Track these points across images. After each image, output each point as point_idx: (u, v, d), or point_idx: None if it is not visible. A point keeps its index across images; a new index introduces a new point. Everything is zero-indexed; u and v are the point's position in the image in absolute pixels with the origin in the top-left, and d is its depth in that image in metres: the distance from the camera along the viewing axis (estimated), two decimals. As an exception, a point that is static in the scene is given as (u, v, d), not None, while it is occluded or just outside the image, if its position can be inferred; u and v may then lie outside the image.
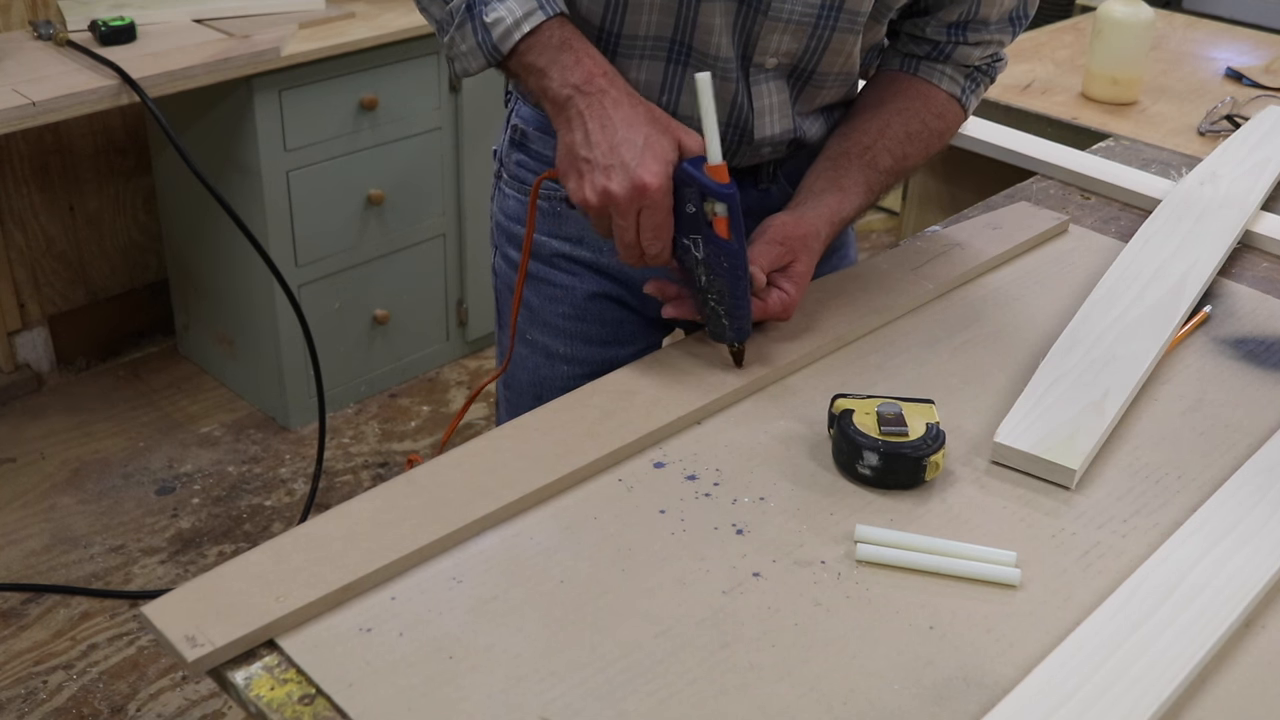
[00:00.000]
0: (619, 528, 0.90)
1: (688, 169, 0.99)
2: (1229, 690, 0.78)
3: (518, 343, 1.28)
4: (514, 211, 1.26)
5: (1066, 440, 0.98)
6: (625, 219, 0.99)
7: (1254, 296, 1.27)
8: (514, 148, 1.25)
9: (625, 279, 1.24)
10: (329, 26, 2.42)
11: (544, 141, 1.22)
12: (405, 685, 0.76)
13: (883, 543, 0.88)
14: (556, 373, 1.27)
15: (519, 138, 1.24)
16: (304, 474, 2.53)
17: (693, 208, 1.00)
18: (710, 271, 1.02)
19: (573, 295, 1.25)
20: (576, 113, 1.01)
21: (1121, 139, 1.70)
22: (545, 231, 1.24)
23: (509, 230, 1.28)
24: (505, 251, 1.29)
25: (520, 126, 1.24)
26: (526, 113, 1.23)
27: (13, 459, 2.54)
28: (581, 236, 1.21)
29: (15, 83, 2.01)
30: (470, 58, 1.06)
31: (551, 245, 1.24)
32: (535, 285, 1.26)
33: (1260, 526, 0.91)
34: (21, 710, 1.95)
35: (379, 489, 0.91)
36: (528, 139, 1.23)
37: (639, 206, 0.98)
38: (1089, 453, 0.97)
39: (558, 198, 1.22)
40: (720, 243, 1.00)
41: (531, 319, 1.27)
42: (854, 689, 0.77)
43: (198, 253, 2.70)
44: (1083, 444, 0.98)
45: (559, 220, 1.23)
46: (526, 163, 1.24)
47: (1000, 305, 1.22)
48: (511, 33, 1.02)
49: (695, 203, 0.99)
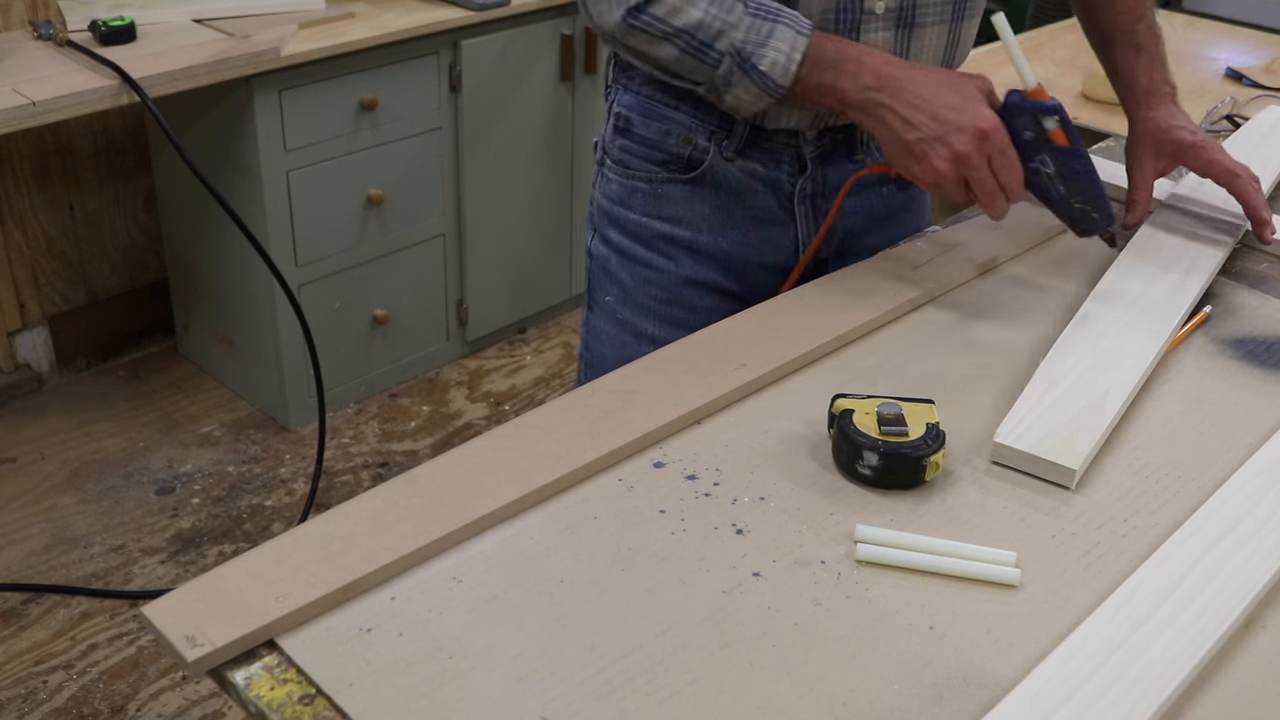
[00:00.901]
0: (619, 528, 0.90)
1: (1014, 100, 1.10)
2: (1229, 690, 0.78)
3: (606, 321, 1.36)
4: (617, 195, 1.33)
5: (1066, 440, 0.98)
6: (980, 170, 1.08)
7: (1254, 296, 1.27)
8: (617, 134, 1.31)
9: (723, 260, 1.31)
10: (329, 26, 2.42)
11: (646, 126, 1.29)
12: (405, 685, 0.76)
13: (883, 543, 0.88)
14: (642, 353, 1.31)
15: (622, 124, 1.31)
16: (304, 474, 2.53)
17: (1030, 133, 1.11)
18: (1065, 179, 1.14)
19: (668, 279, 1.32)
20: (885, 109, 1.09)
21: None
22: (646, 213, 1.31)
23: (611, 213, 1.34)
24: (605, 234, 1.35)
25: (623, 113, 1.30)
26: (628, 100, 1.30)
27: (13, 459, 2.54)
28: (682, 217, 1.29)
29: (15, 83, 2.01)
30: (756, 103, 1.14)
31: (652, 226, 1.31)
32: (631, 267, 1.33)
33: (1260, 526, 0.91)
34: (21, 710, 1.95)
35: (379, 489, 0.91)
36: (631, 124, 1.30)
37: (988, 153, 1.07)
38: (1089, 453, 0.97)
39: (658, 180, 1.29)
40: (1065, 151, 1.12)
41: (624, 299, 1.34)
42: (854, 689, 0.77)
43: (198, 253, 2.70)
44: (1083, 444, 0.98)
45: (659, 202, 1.30)
46: (630, 147, 1.31)
47: (1000, 305, 1.22)
48: (789, 68, 1.11)
49: (1031, 128, 1.11)
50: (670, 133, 1.27)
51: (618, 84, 1.32)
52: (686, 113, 1.26)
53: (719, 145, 1.26)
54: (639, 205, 1.31)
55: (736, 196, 1.28)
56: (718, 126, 1.26)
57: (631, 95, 1.29)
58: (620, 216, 1.33)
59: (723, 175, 1.27)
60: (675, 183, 1.29)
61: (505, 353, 3.01)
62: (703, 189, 1.28)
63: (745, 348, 1.10)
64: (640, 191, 1.30)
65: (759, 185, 1.28)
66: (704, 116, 1.25)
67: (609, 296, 1.36)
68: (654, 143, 1.28)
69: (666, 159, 1.28)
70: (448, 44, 2.58)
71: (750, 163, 1.27)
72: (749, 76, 1.11)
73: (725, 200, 1.29)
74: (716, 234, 1.30)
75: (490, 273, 2.90)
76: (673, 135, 1.27)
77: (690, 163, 1.28)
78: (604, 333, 1.36)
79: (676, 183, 1.29)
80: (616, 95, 1.32)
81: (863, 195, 1.33)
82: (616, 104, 1.32)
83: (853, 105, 1.11)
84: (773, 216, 1.30)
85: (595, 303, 1.38)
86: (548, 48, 2.77)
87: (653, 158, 1.29)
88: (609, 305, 1.35)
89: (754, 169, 1.27)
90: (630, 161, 1.31)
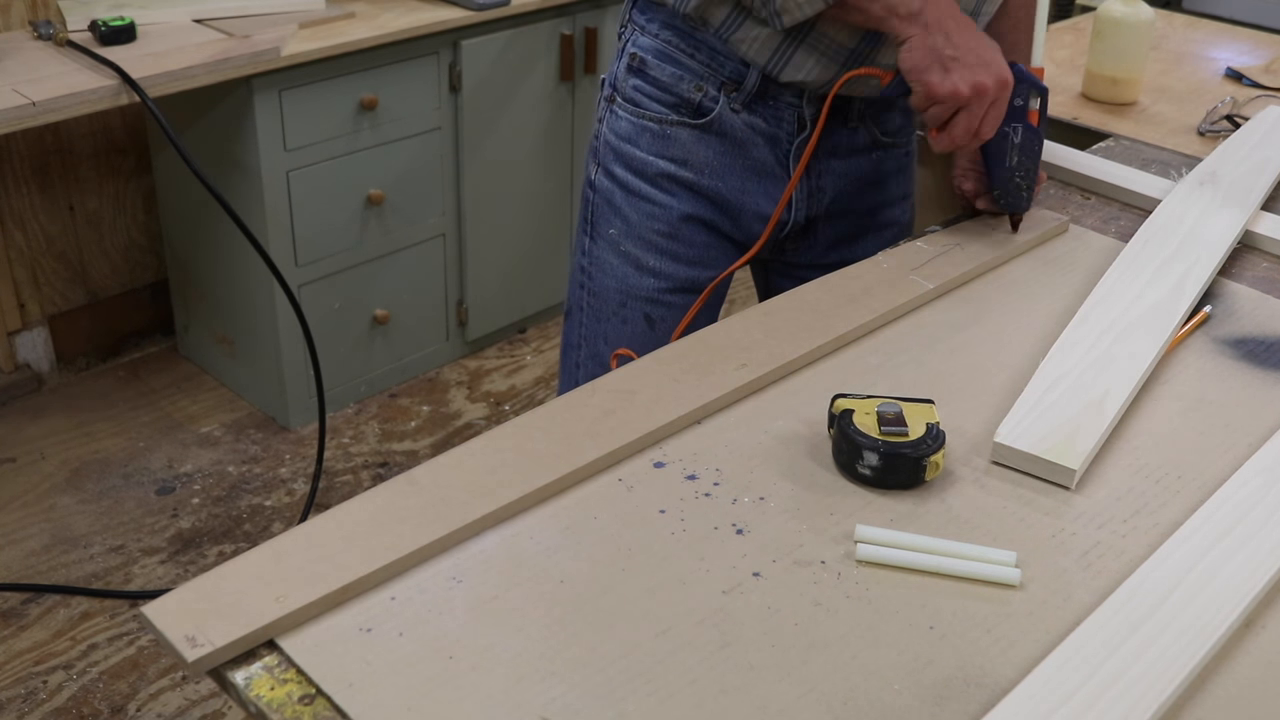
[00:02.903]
0: (619, 528, 0.90)
1: (1020, 69, 1.22)
2: (1229, 690, 0.78)
3: (609, 252, 1.41)
4: (625, 132, 1.38)
5: (1066, 440, 0.98)
6: (980, 107, 1.17)
7: (1254, 296, 1.27)
8: (631, 73, 1.37)
9: (720, 201, 1.37)
10: (329, 26, 2.42)
11: (661, 69, 1.34)
12: (405, 685, 0.76)
13: (883, 543, 0.88)
14: (644, 284, 1.40)
15: (637, 64, 1.36)
16: (304, 474, 2.53)
17: (1019, 101, 1.23)
18: (1022, 152, 1.27)
19: (669, 214, 1.38)
20: (932, 19, 1.16)
21: (1121, 139, 1.70)
22: (653, 152, 1.36)
23: (618, 149, 1.39)
24: (610, 169, 1.40)
25: (639, 54, 1.36)
26: (645, 43, 1.35)
27: (13, 459, 2.54)
28: (686, 159, 1.35)
29: (15, 83, 2.01)
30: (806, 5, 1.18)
31: (658, 165, 1.36)
32: (635, 202, 1.38)
33: (1260, 526, 0.91)
34: (21, 710, 1.95)
35: (379, 489, 0.91)
36: (646, 65, 1.35)
37: (991, 99, 1.17)
38: (1089, 453, 0.97)
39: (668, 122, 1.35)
40: (1033, 130, 1.26)
41: (628, 232, 1.39)
42: (854, 689, 0.77)
43: (198, 253, 2.70)
44: (1083, 444, 0.98)
45: (667, 142, 1.36)
46: (643, 87, 1.36)
47: (1000, 305, 1.22)
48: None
49: (1021, 96, 1.23)
50: (683, 78, 1.33)
51: (634, 25, 1.37)
52: (701, 61, 1.32)
53: (728, 96, 1.32)
54: (646, 144, 1.36)
55: (739, 147, 1.35)
56: (728, 78, 1.31)
57: (649, 38, 1.35)
58: (627, 153, 1.38)
59: (729, 125, 1.33)
60: (684, 126, 1.34)
61: (505, 353, 3.01)
62: (708, 136, 1.34)
63: (745, 348, 1.10)
64: (649, 131, 1.36)
65: (760, 139, 1.34)
66: (718, 67, 1.31)
67: (612, 229, 1.41)
68: (667, 85, 1.34)
69: (677, 103, 1.34)
70: (448, 44, 2.58)
71: (754, 117, 1.33)
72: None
73: (728, 148, 1.35)
74: (717, 179, 1.36)
75: (490, 273, 2.90)
76: (685, 81, 1.33)
77: (700, 109, 1.33)
78: (607, 263, 1.42)
79: (685, 126, 1.34)
80: (632, 36, 1.37)
81: (852, 159, 1.39)
82: (631, 44, 1.37)
83: (902, 11, 1.16)
84: (770, 170, 1.36)
85: (598, 234, 1.43)
86: (548, 48, 2.77)
87: (664, 100, 1.35)
88: (613, 238, 1.40)
89: (756, 123, 1.34)
90: (641, 101, 1.36)
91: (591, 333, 1.45)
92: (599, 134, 1.43)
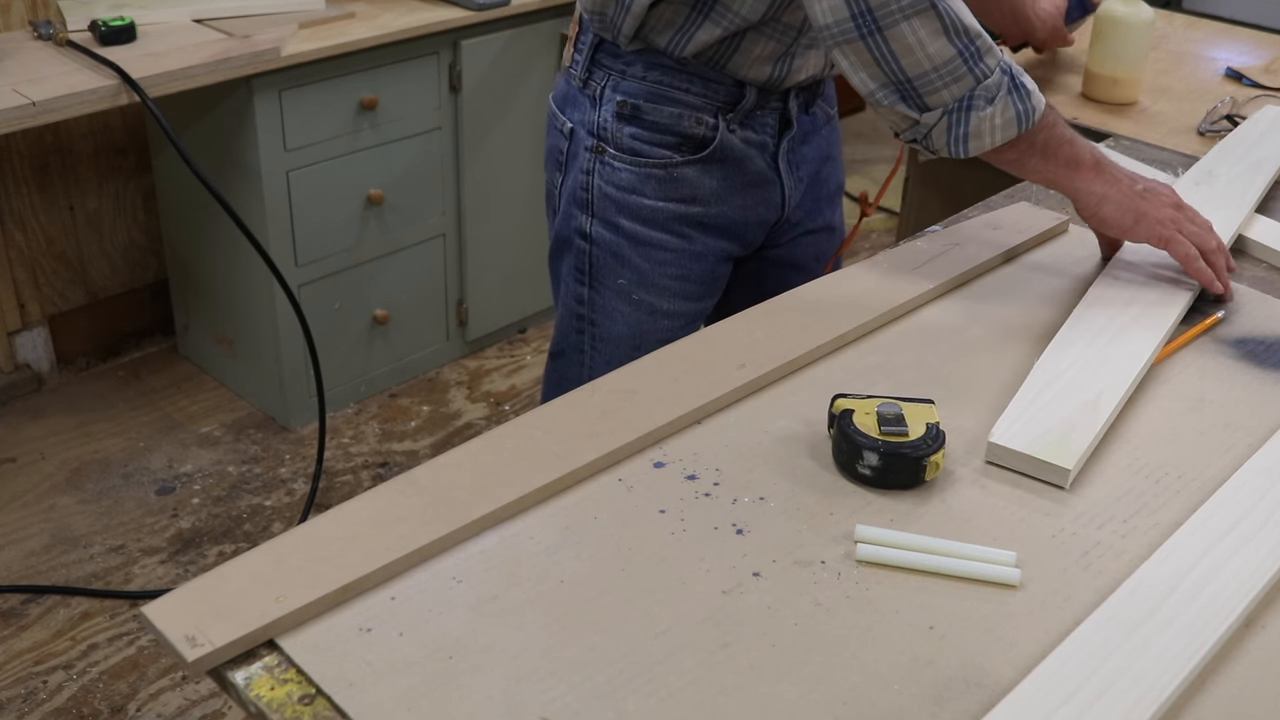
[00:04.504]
0: (619, 528, 0.90)
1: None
2: (1229, 690, 0.78)
3: (618, 302, 1.41)
4: (628, 183, 1.35)
5: (1060, 440, 0.98)
6: (1187, 225, 1.20)
7: (1254, 296, 1.27)
8: (624, 121, 1.33)
9: (728, 226, 1.39)
10: (329, 26, 2.42)
11: (658, 111, 1.32)
12: (405, 685, 0.76)
13: (883, 543, 0.88)
14: (659, 326, 1.41)
15: (630, 111, 1.33)
16: (304, 474, 2.53)
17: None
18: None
19: (681, 258, 1.39)
20: (1119, 171, 1.20)
21: (1121, 139, 1.70)
22: (660, 197, 1.35)
23: (621, 200, 1.36)
24: (613, 220, 1.38)
25: (629, 101, 1.33)
26: (632, 87, 1.32)
27: (13, 459, 2.54)
28: (694, 195, 1.35)
29: (15, 83, 2.01)
30: (1000, 131, 1.16)
31: (669, 210, 1.36)
32: (647, 251, 1.37)
33: (1260, 526, 0.91)
34: (21, 710, 1.95)
35: (379, 489, 0.91)
36: (641, 111, 1.33)
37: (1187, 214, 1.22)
38: (1083, 452, 0.97)
39: (673, 164, 1.34)
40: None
41: (640, 281, 1.39)
42: (854, 689, 0.77)
43: (198, 253, 2.70)
44: (1077, 443, 0.98)
45: (675, 184, 1.35)
46: (642, 134, 1.33)
47: (1000, 305, 1.22)
48: (1039, 104, 1.17)
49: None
50: (683, 115, 1.32)
51: (609, 71, 1.34)
52: (698, 94, 1.31)
53: (725, 119, 1.32)
54: (653, 191, 1.35)
55: (738, 165, 1.35)
56: (725, 102, 1.31)
57: (636, 83, 1.32)
58: (633, 204, 1.36)
59: (729, 148, 1.34)
60: (690, 164, 1.34)
61: (505, 353, 3.01)
62: (711, 165, 1.34)
63: (745, 348, 1.10)
64: (655, 177, 1.34)
65: (753, 150, 1.36)
66: (713, 94, 1.31)
67: (621, 280, 1.39)
68: (667, 126, 1.32)
69: (680, 141, 1.33)
70: (448, 44, 2.58)
71: (747, 131, 1.34)
72: (1013, 96, 1.15)
73: (729, 171, 1.35)
74: (723, 204, 1.37)
75: (490, 273, 2.90)
76: (686, 117, 1.32)
77: (702, 142, 1.33)
78: (616, 312, 1.41)
79: (691, 164, 1.34)
80: (611, 83, 1.34)
81: (815, 141, 1.43)
82: (614, 91, 1.33)
83: (1083, 161, 1.19)
84: (764, 177, 1.38)
85: (601, 284, 1.41)
86: (547, 48, 2.77)
87: (666, 142, 1.33)
88: (622, 288, 1.40)
89: (750, 136, 1.35)
90: (642, 149, 1.34)
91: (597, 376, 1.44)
92: (588, 186, 1.39)
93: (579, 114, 1.37)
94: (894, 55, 1.12)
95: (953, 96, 1.14)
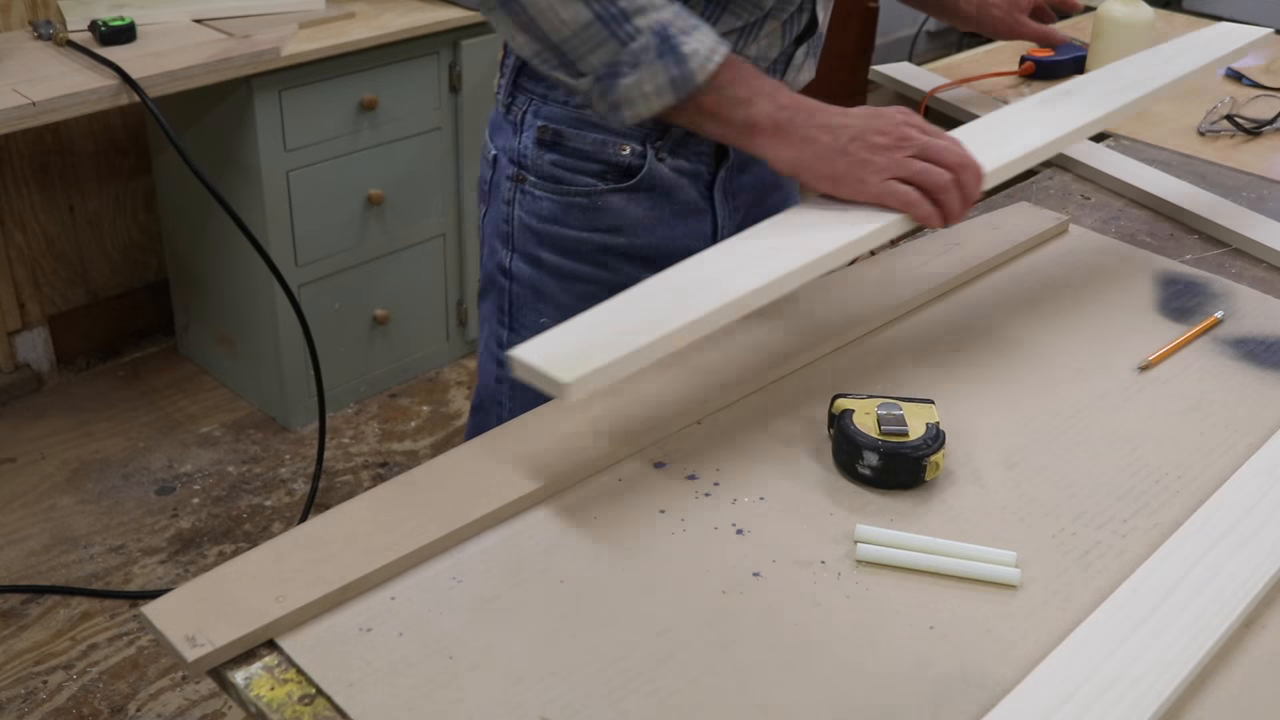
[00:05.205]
0: (619, 528, 0.90)
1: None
2: (1229, 690, 0.78)
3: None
4: (549, 212, 1.26)
5: (577, 356, 0.86)
6: (968, 174, 1.06)
7: (1254, 297, 1.27)
8: (545, 148, 1.24)
9: (652, 256, 1.26)
10: (329, 26, 2.42)
11: (581, 138, 1.23)
12: (405, 685, 0.76)
13: (883, 543, 0.88)
14: None
15: (551, 137, 1.24)
16: (304, 474, 2.53)
17: None
18: None
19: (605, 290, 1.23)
20: (815, 125, 1.05)
21: (1121, 139, 1.70)
22: (584, 227, 1.25)
23: (542, 231, 1.27)
24: (534, 253, 1.28)
25: (550, 127, 1.23)
26: (552, 112, 1.23)
27: (13, 459, 2.54)
28: (620, 225, 1.24)
29: (15, 83, 2.01)
30: (654, 97, 1.04)
31: (593, 240, 1.26)
32: (569, 285, 1.28)
33: (1260, 527, 0.91)
34: (21, 710, 1.95)
35: (379, 489, 0.91)
36: (563, 137, 1.23)
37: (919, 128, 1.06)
38: (591, 371, 0.85)
39: (598, 193, 1.24)
40: None
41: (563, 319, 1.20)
42: (854, 689, 0.77)
43: (198, 253, 2.70)
44: (590, 362, 0.86)
45: (599, 214, 1.25)
46: (564, 161, 1.24)
47: (1000, 305, 1.22)
48: (706, 65, 1.04)
49: None
50: (607, 142, 1.22)
51: (530, 94, 1.25)
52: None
53: (654, 147, 1.23)
54: (576, 220, 1.25)
55: (667, 195, 1.26)
56: (652, 128, 1.22)
57: (558, 107, 1.23)
58: (554, 235, 1.26)
59: (657, 177, 1.25)
60: (615, 192, 1.24)
61: (505, 353, 3.01)
62: (638, 194, 1.25)
63: (745, 348, 1.10)
64: (578, 206, 1.25)
65: (685, 180, 1.26)
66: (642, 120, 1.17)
67: (544, 319, 1.29)
68: (591, 154, 1.23)
69: (604, 169, 1.24)
70: (448, 44, 2.58)
71: (679, 160, 1.25)
72: (665, 60, 1.03)
73: (657, 200, 1.26)
74: (649, 234, 1.27)
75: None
76: (610, 144, 1.22)
77: (629, 170, 1.24)
78: None
79: (616, 192, 1.24)
80: (532, 106, 1.25)
81: (755, 169, 1.32)
82: (537, 117, 1.24)
83: (763, 122, 1.06)
84: (695, 207, 1.28)
85: (521, 325, 1.31)
86: (548, 48, 2.77)
87: (589, 170, 1.24)
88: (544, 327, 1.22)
89: (682, 165, 1.25)
90: (564, 177, 1.24)
91: None
92: (510, 217, 1.29)
93: (502, 140, 1.29)
94: (534, 21, 1.04)
95: (601, 62, 1.04)
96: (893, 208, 1.04)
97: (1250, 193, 1.53)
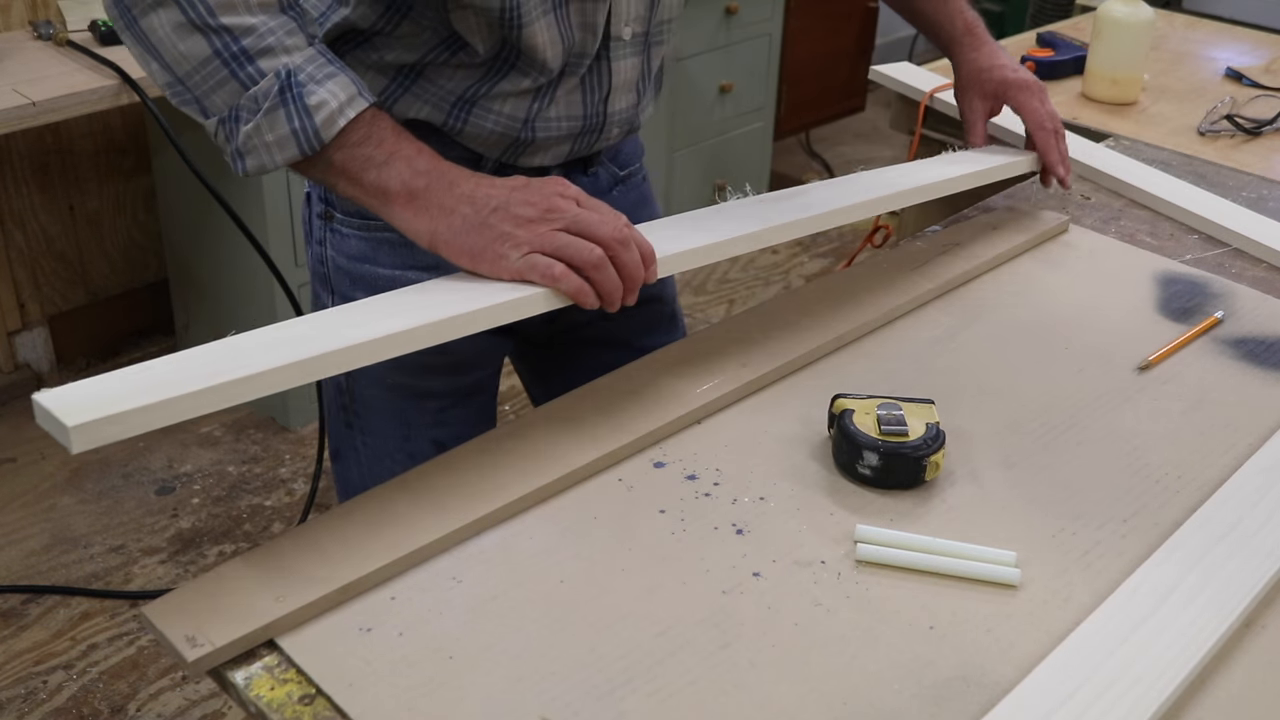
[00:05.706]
0: (619, 528, 0.90)
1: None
2: (1229, 690, 0.78)
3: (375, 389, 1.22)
4: (359, 251, 1.18)
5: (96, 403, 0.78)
6: (629, 252, 0.96)
7: (1254, 297, 1.27)
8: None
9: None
10: (329, 26, 2.42)
11: None
12: (405, 685, 0.76)
13: (883, 543, 0.88)
14: (425, 409, 1.22)
15: None
16: (304, 474, 2.53)
17: None
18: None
19: None
20: (455, 195, 0.96)
21: (1121, 139, 1.70)
22: (397, 265, 1.16)
23: (354, 271, 1.18)
24: (350, 295, 1.18)
25: None
26: None
27: (13, 459, 2.54)
28: (437, 262, 1.03)
29: (15, 83, 2.01)
30: (276, 149, 0.95)
31: (407, 278, 1.12)
32: None
33: (1260, 527, 0.91)
34: (21, 710, 1.95)
35: (379, 489, 0.91)
36: None
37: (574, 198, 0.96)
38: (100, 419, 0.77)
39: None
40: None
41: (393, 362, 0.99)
42: (854, 689, 0.77)
43: (198, 253, 2.70)
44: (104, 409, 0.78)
45: (410, 251, 1.15)
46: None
47: (1000, 305, 1.22)
48: (336, 119, 0.94)
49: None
50: None
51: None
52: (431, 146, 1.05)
53: None
54: (386, 259, 1.16)
55: None
56: (463, 159, 1.07)
57: None
58: (368, 274, 1.17)
59: None
60: None
61: (505, 353, 3.01)
62: None
63: (745, 348, 1.10)
64: (388, 243, 1.15)
65: None
66: (447, 149, 1.08)
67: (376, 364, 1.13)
68: None
69: None
70: (448, 44, 2.58)
71: None
72: (287, 109, 0.93)
73: None
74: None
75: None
76: None
77: None
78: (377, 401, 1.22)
79: None
80: None
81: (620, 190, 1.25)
82: None
83: (397, 194, 0.96)
84: None
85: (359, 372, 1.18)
86: (548, 48, 2.77)
87: None
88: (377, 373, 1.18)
89: None
90: (369, 212, 1.05)
91: (374, 475, 1.23)
92: (323, 258, 1.21)
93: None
94: (157, 50, 0.95)
95: (224, 103, 0.95)
96: (535, 283, 0.95)
97: (1250, 193, 1.53)
